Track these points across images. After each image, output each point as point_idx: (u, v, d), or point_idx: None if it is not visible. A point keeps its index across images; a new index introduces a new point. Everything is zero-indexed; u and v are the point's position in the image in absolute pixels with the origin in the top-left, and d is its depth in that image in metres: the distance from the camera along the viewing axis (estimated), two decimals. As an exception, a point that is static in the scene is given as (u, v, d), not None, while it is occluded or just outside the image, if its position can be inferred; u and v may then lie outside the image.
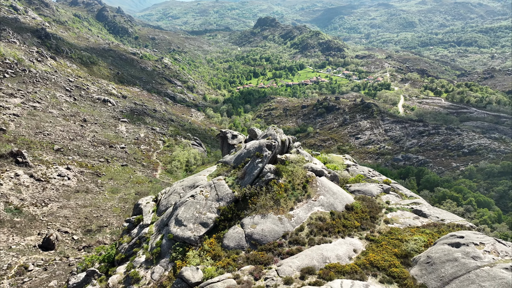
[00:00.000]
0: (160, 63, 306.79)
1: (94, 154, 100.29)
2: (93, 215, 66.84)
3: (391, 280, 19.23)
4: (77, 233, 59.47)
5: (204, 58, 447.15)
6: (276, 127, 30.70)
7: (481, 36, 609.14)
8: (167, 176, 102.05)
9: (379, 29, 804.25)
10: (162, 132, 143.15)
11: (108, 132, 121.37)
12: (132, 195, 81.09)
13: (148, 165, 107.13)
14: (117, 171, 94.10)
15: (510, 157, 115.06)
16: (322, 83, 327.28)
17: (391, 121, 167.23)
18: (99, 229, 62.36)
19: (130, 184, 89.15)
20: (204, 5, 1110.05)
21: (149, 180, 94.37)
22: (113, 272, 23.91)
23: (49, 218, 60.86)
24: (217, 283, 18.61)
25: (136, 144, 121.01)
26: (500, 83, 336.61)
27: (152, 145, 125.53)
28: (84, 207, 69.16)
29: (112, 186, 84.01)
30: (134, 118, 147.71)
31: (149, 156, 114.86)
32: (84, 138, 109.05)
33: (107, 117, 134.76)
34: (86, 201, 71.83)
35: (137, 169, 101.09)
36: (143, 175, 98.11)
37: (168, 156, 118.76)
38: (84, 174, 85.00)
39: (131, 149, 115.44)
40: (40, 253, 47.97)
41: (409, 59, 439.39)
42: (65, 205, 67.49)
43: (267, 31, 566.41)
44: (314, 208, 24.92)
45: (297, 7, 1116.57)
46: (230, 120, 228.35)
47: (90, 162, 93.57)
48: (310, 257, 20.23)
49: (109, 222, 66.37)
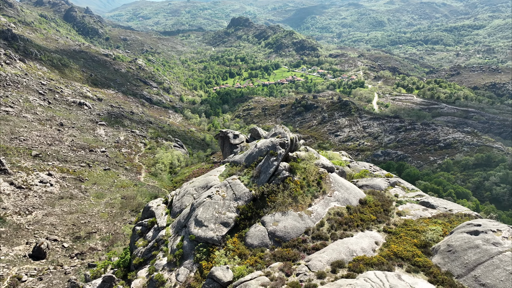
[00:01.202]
0: (134, 64, 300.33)
1: (75, 158, 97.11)
2: (80, 221, 64.81)
3: (417, 270, 19.89)
4: (66, 240, 57.50)
5: (178, 59, 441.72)
6: (284, 126, 30.94)
7: (446, 35, 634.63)
8: (151, 178, 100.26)
9: (350, 28, 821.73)
10: (142, 135, 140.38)
11: (86, 136, 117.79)
12: (118, 200, 79.19)
13: (131, 168, 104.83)
14: (100, 175, 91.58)
15: (483, 149, 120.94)
16: (298, 82, 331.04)
17: (368, 118, 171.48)
18: (88, 236, 60.58)
19: (114, 189, 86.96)
20: (175, 5, 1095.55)
21: (134, 184, 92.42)
22: (133, 276, 23.38)
23: (35, 226, 58.47)
24: (250, 281, 18.62)
25: (117, 147, 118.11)
26: (466, 80, 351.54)
27: (133, 148, 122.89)
28: (70, 213, 66.93)
29: (97, 191, 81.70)
30: (112, 121, 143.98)
31: (131, 159, 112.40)
32: (62, 143, 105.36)
33: (84, 120, 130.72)
34: (72, 207, 69.53)
35: (120, 172, 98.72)
36: (127, 179, 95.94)
37: (151, 158, 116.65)
38: (66, 179, 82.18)
39: (112, 152, 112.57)
40: (32, 262, 46.04)
41: (380, 57, 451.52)
42: (50, 212, 65.05)
43: (241, 31, 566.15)
44: (331, 204, 25.37)
45: (269, 7, 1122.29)
46: (208, 121, 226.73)
47: (71, 167, 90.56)
48: (338, 251, 20.61)
49: (97, 228, 64.59)
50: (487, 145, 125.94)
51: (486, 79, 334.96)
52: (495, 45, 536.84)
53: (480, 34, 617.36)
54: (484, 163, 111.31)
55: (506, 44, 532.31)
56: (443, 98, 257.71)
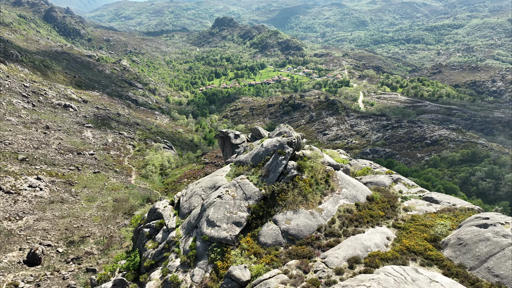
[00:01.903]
0: (119, 65, 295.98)
1: (63, 162, 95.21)
2: (73, 225, 63.57)
3: (431, 263, 20.33)
4: (59, 245, 56.34)
5: (163, 60, 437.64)
6: (288, 125, 31.09)
7: (427, 34, 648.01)
8: (143, 181, 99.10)
9: (334, 28, 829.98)
10: (130, 136, 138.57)
11: (74, 139, 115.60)
12: (110, 203, 78.00)
13: (121, 170, 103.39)
14: (90, 178, 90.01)
15: (468, 145, 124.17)
16: (284, 82, 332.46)
17: (355, 117, 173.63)
18: (82, 240, 59.48)
19: (105, 191, 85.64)
20: (158, 5, 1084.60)
21: (125, 186, 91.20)
22: (145, 279, 23.11)
23: (27, 231, 57.06)
24: (270, 279, 18.68)
25: (105, 150, 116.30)
26: (447, 78, 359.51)
27: (122, 150, 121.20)
28: (62, 217, 65.59)
29: (88, 194, 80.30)
30: (99, 124, 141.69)
31: (120, 162, 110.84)
32: (49, 146, 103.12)
33: (70, 123, 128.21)
34: (63, 212, 68.14)
35: (110, 175, 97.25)
36: (118, 181, 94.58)
37: (140, 160, 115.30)
38: (56, 183, 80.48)
39: (101, 155, 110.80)
40: (27, 269, 44.93)
41: (364, 56, 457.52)
42: (41, 217, 63.58)
43: (226, 31, 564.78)
44: (340, 201, 25.66)
45: (253, 7, 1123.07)
46: (196, 122, 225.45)
47: (60, 170, 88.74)
48: (353, 247, 20.87)
49: (91, 231, 63.48)
50: (472, 141, 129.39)
51: (467, 77, 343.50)
52: (474, 44, 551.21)
53: (459, 33, 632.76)
54: (470, 158, 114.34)
55: (484, 43, 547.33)
56: (427, 96, 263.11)
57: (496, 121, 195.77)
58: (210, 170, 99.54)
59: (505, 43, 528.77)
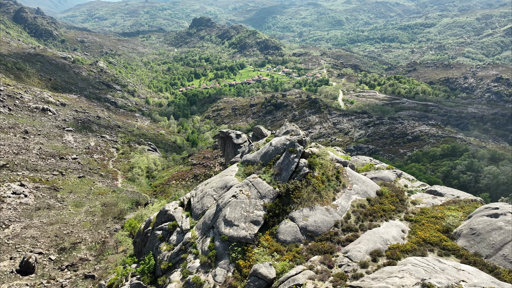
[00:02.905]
0: (95, 67, 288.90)
1: (45, 167, 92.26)
2: (63, 232, 61.77)
3: (448, 253, 21.04)
4: (50, 252, 54.67)
5: (140, 61, 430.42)
6: (294, 124, 31.38)
7: (401, 33, 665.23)
8: (130, 184, 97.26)
9: (311, 27, 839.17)
10: (113, 139, 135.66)
11: (55, 143, 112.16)
12: (98, 207, 76.23)
13: (107, 174, 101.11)
14: (75, 183, 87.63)
15: (447, 140, 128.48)
16: (264, 82, 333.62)
17: (338, 115, 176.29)
18: (74, 246, 57.93)
19: (92, 196, 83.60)
20: (133, 5, 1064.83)
21: (112, 190, 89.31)
22: (164, 281, 22.81)
23: (15, 240, 55.02)
24: (297, 275, 18.86)
25: (89, 154, 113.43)
26: (422, 75, 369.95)
27: (105, 153, 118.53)
28: (51, 224, 63.61)
29: (74, 200, 78.18)
30: (79, 127, 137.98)
31: (105, 165, 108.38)
32: (29, 151, 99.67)
33: (50, 127, 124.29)
34: (51, 218, 66.09)
35: (95, 179, 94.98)
36: (104, 185, 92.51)
37: (125, 163, 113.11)
38: (40, 189, 77.94)
39: (84, 159, 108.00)
40: (21, 278, 43.36)
41: (341, 55, 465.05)
42: (29, 224, 61.44)
43: (204, 31, 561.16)
44: (352, 197, 26.15)
45: (230, 7, 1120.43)
46: (178, 123, 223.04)
47: (43, 176, 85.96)
48: (373, 240, 21.34)
49: (82, 237, 61.86)
50: (451, 136, 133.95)
51: (440, 74, 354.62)
52: (445, 42, 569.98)
53: (431, 32, 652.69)
54: (450, 153, 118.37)
55: (455, 41, 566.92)
56: (404, 94, 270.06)
57: (470, 116, 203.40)
58: (199, 171, 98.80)
59: (474, 41, 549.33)
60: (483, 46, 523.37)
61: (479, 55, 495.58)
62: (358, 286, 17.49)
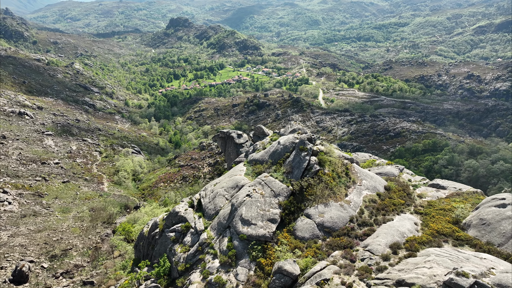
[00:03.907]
0: (71, 69, 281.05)
1: (27, 173, 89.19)
2: (52, 239, 59.95)
3: (462, 243, 21.82)
4: (41, 260, 52.98)
5: (117, 62, 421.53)
6: (299, 122, 31.72)
7: (376, 32, 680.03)
8: (116, 188, 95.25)
9: (288, 27, 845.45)
10: (95, 143, 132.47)
11: (35, 148, 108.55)
12: (86, 213, 74.35)
13: (92, 178, 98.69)
14: (60, 188, 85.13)
15: (428, 136, 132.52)
16: (245, 82, 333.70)
17: (320, 113, 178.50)
18: (65, 253, 56.35)
19: (79, 201, 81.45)
20: (107, 5, 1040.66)
21: (99, 194, 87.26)
22: (183, 283, 22.57)
23: (3, 249, 52.95)
24: (322, 270, 19.13)
25: (71, 158, 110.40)
26: (398, 73, 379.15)
27: (88, 157, 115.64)
28: (39, 231, 61.59)
29: (61, 205, 75.95)
30: (59, 131, 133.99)
31: (89, 169, 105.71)
32: (9, 157, 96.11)
33: (28, 131, 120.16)
34: (39, 225, 63.99)
35: (81, 184, 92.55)
36: (90, 190, 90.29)
37: (110, 167, 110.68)
38: (24, 196, 75.32)
39: (67, 163, 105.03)
40: (15, 288, 41.81)
41: (319, 54, 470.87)
42: (16, 232, 59.28)
43: (181, 31, 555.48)
44: (363, 192, 26.69)
45: (206, 7, 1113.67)
46: (159, 125, 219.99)
47: (26, 182, 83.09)
48: (390, 234, 21.88)
49: (72, 244, 60.23)
50: (431, 131, 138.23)
51: (415, 72, 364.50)
52: (418, 41, 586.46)
53: (405, 31, 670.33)
54: (431, 148, 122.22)
55: (428, 40, 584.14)
56: (382, 91, 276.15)
57: (446, 112, 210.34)
58: (187, 173, 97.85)
59: (446, 40, 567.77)
60: (454, 45, 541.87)
61: (451, 53, 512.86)
62: (385, 278, 17.91)
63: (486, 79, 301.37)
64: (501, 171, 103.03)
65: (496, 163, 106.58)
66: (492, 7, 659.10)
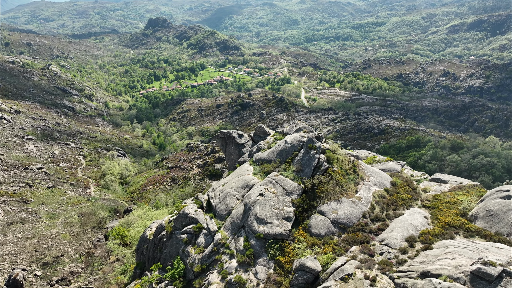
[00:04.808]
0: (48, 71, 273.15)
1: (9, 179, 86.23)
2: (42, 246, 58.27)
3: (472, 234, 22.58)
4: (33, 268, 51.41)
5: (95, 64, 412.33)
6: (304, 121, 32.00)
7: (354, 32, 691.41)
8: (104, 192, 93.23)
9: (267, 27, 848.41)
10: (78, 147, 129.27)
11: (15, 153, 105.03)
12: (75, 218, 72.56)
13: (78, 183, 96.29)
14: (45, 194, 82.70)
15: (411, 132, 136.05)
16: (227, 82, 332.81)
17: (304, 112, 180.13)
18: (57, 260, 54.90)
19: (66, 207, 79.36)
20: (82, 6, 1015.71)
21: (87, 199, 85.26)
22: (200, 284, 22.41)
23: (-8, 259, 51.04)
24: (344, 266, 19.41)
25: (54, 162, 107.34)
26: (377, 72, 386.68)
27: (72, 162, 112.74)
28: (28, 239, 59.70)
29: (48, 212, 73.81)
30: (39, 135, 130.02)
31: (74, 174, 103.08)
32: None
33: (7, 136, 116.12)
34: (27, 232, 62.01)
35: (67, 189, 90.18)
36: (77, 195, 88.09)
37: (95, 170, 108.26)
38: (8, 203, 72.84)
39: (50, 168, 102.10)
40: (10, 298, 40.39)
41: (300, 54, 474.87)
42: (4, 241, 57.28)
43: (160, 32, 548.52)
44: (372, 188, 27.20)
45: (185, 7, 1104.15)
46: (142, 127, 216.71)
47: (9, 188, 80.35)
48: (404, 228, 22.42)
49: (64, 250, 58.70)
50: (414, 128, 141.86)
51: (394, 70, 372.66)
52: (395, 39, 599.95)
53: (382, 30, 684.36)
54: (414, 144, 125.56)
55: (404, 39, 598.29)
56: (362, 90, 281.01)
57: (425, 109, 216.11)
58: (177, 175, 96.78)
59: (421, 39, 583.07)
60: (430, 43, 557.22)
61: (427, 51, 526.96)
62: (408, 270, 18.35)
63: (461, 76, 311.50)
64: (482, 165, 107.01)
65: (477, 157, 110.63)
66: (464, 6, 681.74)
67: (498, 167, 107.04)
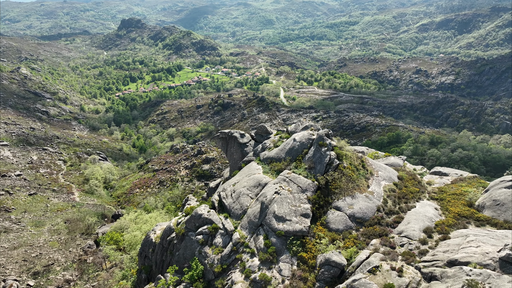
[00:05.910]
0: (18, 74, 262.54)
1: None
2: (30, 255, 56.21)
3: (483, 223, 23.57)
4: (24, 279, 49.53)
5: (67, 66, 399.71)
6: (310, 120, 32.35)
7: (328, 31, 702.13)
8: (88, 197, 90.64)
9: (243, 27, 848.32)
10: (57, 151, 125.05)
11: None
12: (61, 225, 70.26)
13: (60, 189, 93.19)
14: (27, 201, 79.65)
15: (391, 128, 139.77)
16: (205, 82, 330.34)
17: (286, 111, 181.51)
18: (47, 268, 53.20)
19: (50, 214, 76.75)
20: (49, 6, 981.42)
21: (72, 205, 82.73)
22: (222, 284, 22.28)
23: (-20, 271, 48.74)
24: (369, 258, 19.86)
25: (33, 169, 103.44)
26: (352, 70, 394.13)
27: (52, 167, 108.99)
28: (14, 248, 57.41)
29: (32, 219, 71.16)
30: (14, 141, 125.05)
31: (55, 179, 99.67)
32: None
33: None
34: (12, 242, 59.60)
35: (49, 195, 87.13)
36: (61, 201, 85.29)
37: (77, 175, 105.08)
38: (-11, 212, 69.58)
39: (30, 174, 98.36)
40: (6, 311, 38.75)
41: (276, 54, 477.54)
42: (-11, 252, 54.71)
43: (134, 32, 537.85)
44: (382, 183, 27.86)
45: (158, 7, 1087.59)
46: (120, 130, 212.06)
47: (-12, 197, 76.73)
48: (420, 219, 23.14)
49: (53, 258, 56.88)
50: (394, 124, 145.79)
51: (368, 68, 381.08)
52: (368, 38, 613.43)
53: (355, 29, 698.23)
54: (395, 140, 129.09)
55: (377, 37, 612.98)
56: (340, 88, 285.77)
57: (401, 106, 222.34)
58: (164, 177, 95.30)
59: (393, 37, 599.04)
60: (401, 42, 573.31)
61: (399, 50, 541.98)
62: (433, 260, 18.99)
63: (432, 73, 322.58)
64: (460, 158, 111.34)
65: (455, 150, 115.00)
66: (432, 6, 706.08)
67: (475, 159, 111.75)
